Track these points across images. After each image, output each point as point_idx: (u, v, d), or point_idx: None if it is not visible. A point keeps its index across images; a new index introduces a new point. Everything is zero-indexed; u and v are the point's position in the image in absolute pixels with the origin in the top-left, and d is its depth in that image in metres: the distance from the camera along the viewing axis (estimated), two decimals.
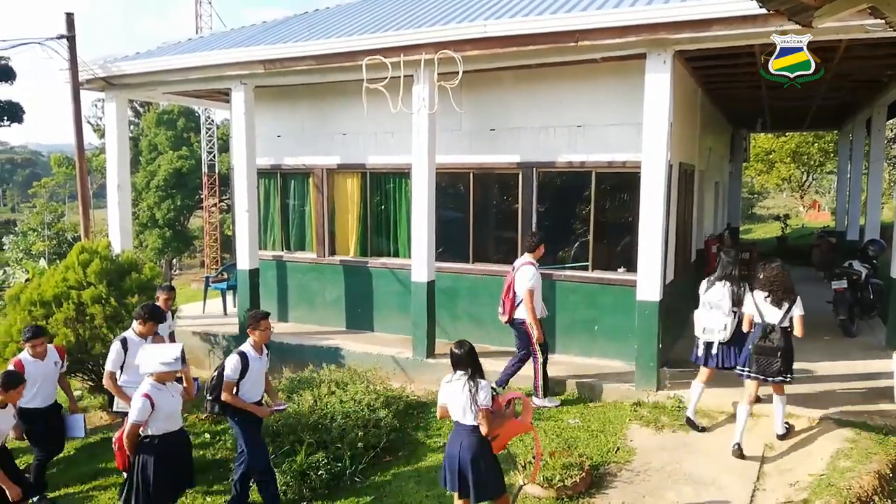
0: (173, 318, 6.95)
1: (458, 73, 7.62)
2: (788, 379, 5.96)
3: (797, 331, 5.89)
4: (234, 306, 10.87)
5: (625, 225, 8.39)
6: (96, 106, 36.16)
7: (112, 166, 10.57)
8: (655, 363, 7.29)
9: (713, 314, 6.43)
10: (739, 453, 5.90)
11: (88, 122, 36.74)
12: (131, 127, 34.08)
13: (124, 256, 9.14)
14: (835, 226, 18.65)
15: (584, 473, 5.55)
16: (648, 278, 7.26)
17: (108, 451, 6.51)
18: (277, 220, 10.68)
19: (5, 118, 28.22)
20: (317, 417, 6.45)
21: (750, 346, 6.00)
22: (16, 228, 35.43)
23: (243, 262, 9.66)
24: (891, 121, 15.00)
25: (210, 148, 29.46)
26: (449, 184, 9.34)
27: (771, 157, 28.95)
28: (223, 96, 11.37)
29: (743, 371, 6.07)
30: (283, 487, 5.80)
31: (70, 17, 10.53)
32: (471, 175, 9.06)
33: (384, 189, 9.81)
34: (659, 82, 7.01)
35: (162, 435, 4.86)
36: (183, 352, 5.03)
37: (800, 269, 13.50)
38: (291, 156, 10.36)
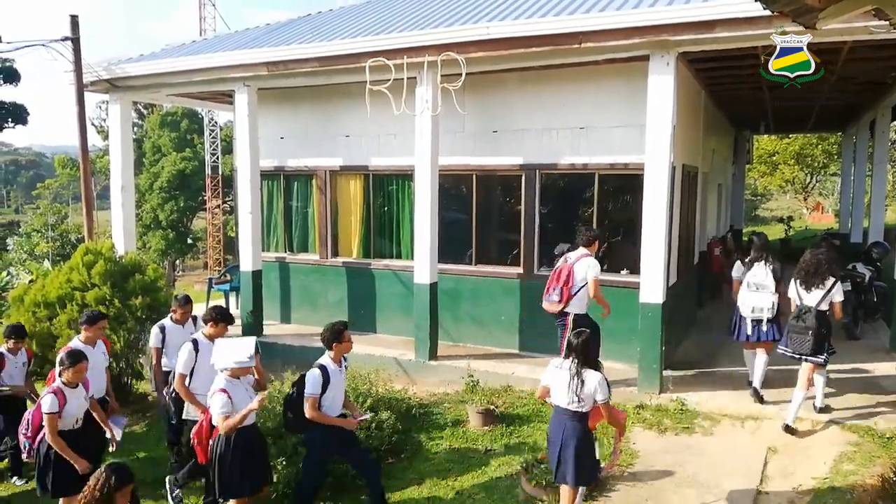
0: (195, 327, 6.72)
1: (461, 74, 7.62)
2: (820, 360, 6.29)
3: (836, 314, 6.35)
4: (237, 308, 10.88)
5: (628, 227, 8.38)
6: (100, 108, 36.23)
7: (116, 168, 10.60)
8: (658, 366, 7.28)
9: (761, 294, 6.84)
10: (789, 430, 6.27)
11: (92, 124, 36.80)
12: (135, 129, 34.17)
13: (128, 258, 9.16)
14: (838, 228, 18.60)
15: None
16: (651, 281, 7.25)
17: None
18: (280, 221, 10.70)
19: (10, 120, 28.33)
20: None
21: (787, 326, 6.53)
22: (20, 230, 35.58)
23: (246, 263, 9.67)
24: (895, 122, 14.97)
25: (213, 150, 29.53)
26: (452, 186, 9.34)
27: (774, 158, 28.90)
28: (227, 98, 11.39)
29: (784, 350, 6.51)
30: (287, 490, 5.80)
31: (74, 20, 10.57)
32: (473, 177, 9.06)
33: (387, 191, 9.82)
34: (662, 84, 7.00)
35: (240, 429, 4.90)
36: (257, 345, 5.13)
37: None
38: (294, 157, 10.37)
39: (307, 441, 5.39)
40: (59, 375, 5.11)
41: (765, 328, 6.87)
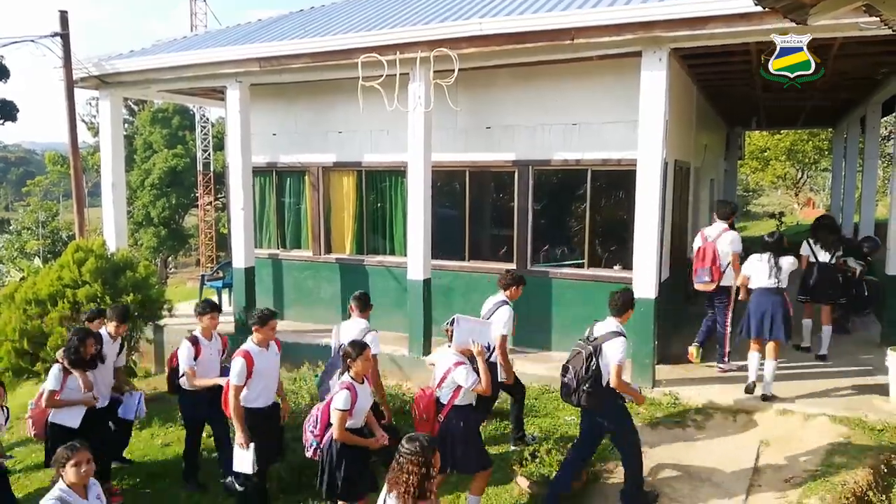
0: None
1: (453, 70, 7.61)
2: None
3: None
4: (230, 304, 10.86)
5: (620, 223, 8.40)
6: (90, 104, 35.99)
7: (107, 165, 10.53)
8: (651, 360, 7.31)
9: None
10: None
11: (83, 121, 36.52)
12: (126, 125, 33.93)
13: (119, 255, 9.12)
14: None
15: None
16: (644, 276, 7.27)
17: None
18: (273, 218, 10.67)
19: None
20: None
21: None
22: (10, 227, 35.31)
23: (239, 260, 9.64)
24: (885, 118, 15.06)
25: (205, 146, 29.39)
26: (444, 182, 9.33)
27: (766, 154, 29.03)
28: (218, 94, 11.33)
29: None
30: (281, 484, 5.79)
31: (64, 15, 10.50)
32: (466, 173, 9.06)
33: (380, 187, 9.80)
34: (654, 80, 7.02)
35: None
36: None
37: None
38: (287, 154, 10.34)
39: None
40: (349, 370, 4.78)
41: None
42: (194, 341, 5.96)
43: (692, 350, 7.79)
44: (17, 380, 8.14)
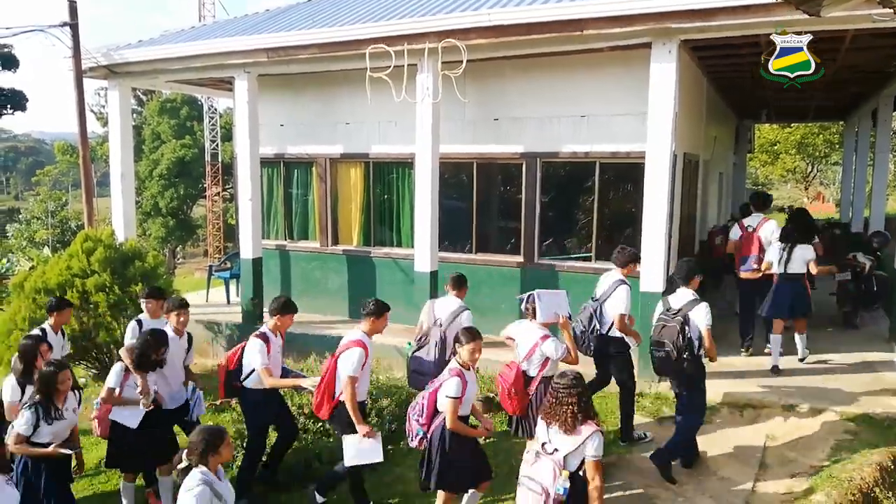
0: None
1: (462, 61, 7.58)
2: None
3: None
4: (238, 295, 10.89)
5: (628, 216, 8.37)
6: (99, 94, 35.99)
7: (115, 155, 10.57)
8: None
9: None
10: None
11: (91, 111, 36.58)
12: (134, 115, 34.01)
13: (128, 245, 9.16)
14: (839, 217, 18.58)
15: None
16: (652, 270, 7.25)
17: None
18: (280, 209, 10.68)
19: (8, 106, 28.19)
20: None
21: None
22: (20, 216, 35.53)
23: (246, 251, 9.67)
24: None
25: (213, 137, 29.41)
26: (452, 174, 9.31)
27: (776, 148, 28.86)
28: (226, 85, 11.33)
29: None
30: (288, 475, 5.83)
31: (73, 5, 10.53)
32: (474, 165, 9.04)
33: (387, 179, 9.80)
34: (664, 72, 6.97)
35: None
36: None
37: None
38: (294, 145, 10.34)
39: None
40: (455, 354, 4.78)
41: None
42: (265, 338, 5.52)
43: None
44: None
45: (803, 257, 7.29)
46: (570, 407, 3.99)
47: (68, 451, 4.78)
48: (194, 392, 5.88)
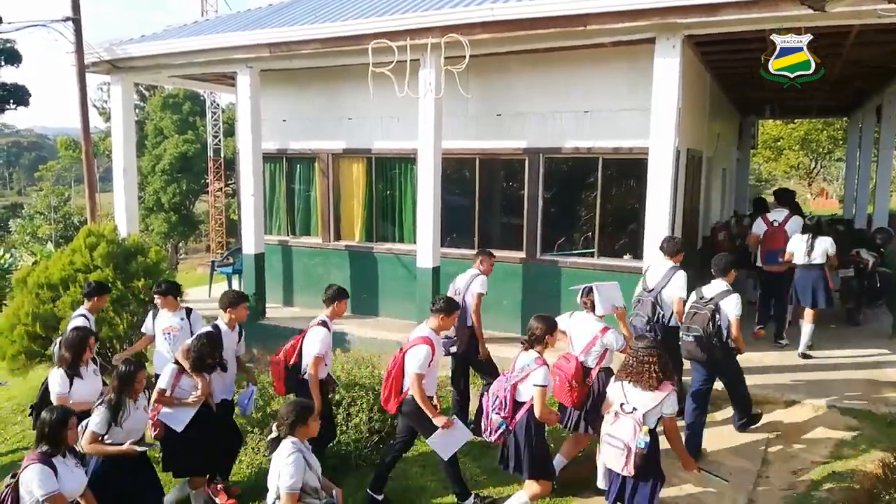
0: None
1: (465, 57, 7.56)
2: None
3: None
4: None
5: (631, 212, 8.35)
6: (102, 89, 36.05)
7: (118, 150, 10.57)
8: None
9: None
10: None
11: (94, 106, 36.59)
12: (137, 111, 33.98)
13: (130, 240, 9.16)
14: (842, 214, 18.54)
15: (589, 459, 5.58)
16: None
17: None
18: (283, 204, 10.68)
19: (11, 101, 28.24)
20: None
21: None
22: (22, 212, 35.60)
23: (249, 246, 9.67)
24: None
25: (215, 132, 29.41)
26: (454, 169, 9.30)
27: (779, 144, 28.77)
28: (229, 80, 11.32)
29: None
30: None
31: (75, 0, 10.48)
32: (477, 161, 9.02)
33: (390, 174, 9.78)
34: (668, 67, 6.95)
35: None
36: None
37: None
38: (297, 140, 10.33)
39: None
40: (537, 343, 4.85)
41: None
42: (327, 326, 5.66)
43: (759, 331, 8.48)
44: (29, 363, 8.22)
45: (824, 248, 7.64)
46: (652, 366, 4.33)
47: (143, 448, 4.73)
48: (248, 388, 5.94)
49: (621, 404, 4.43)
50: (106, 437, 4.58)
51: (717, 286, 5.85)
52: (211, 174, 29.79)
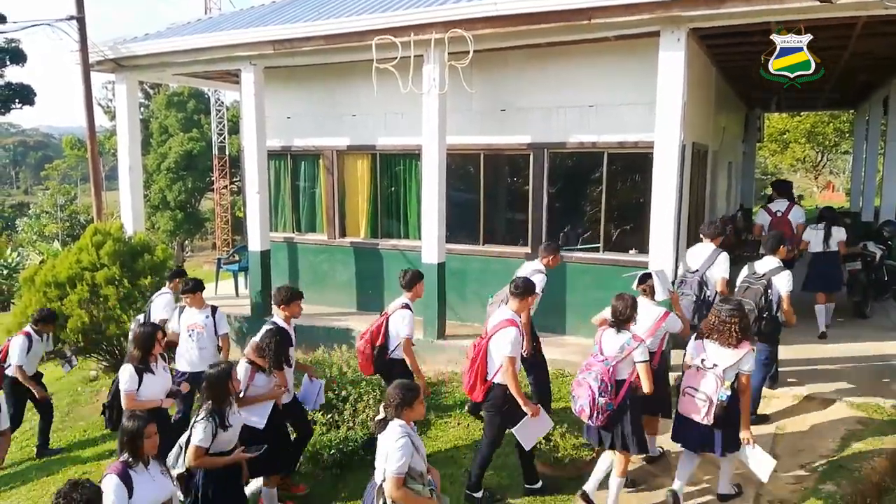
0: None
1: (468, 52, 7.54)
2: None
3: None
4: (246, 287, 10.94)
5: (636, 206, 8.33)
6: (106, 88, 36.20)
7: (123, 148, 10.60)
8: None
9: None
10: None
11: (99, 105, 36.77)
12: (141, 109, 34.06)
13: (137, 238, 9.21)
14: (849, 207, 18.44)
15: (594, 454, 5.58)
16: (660, 260, 7.21)
17: None
18: (288, 201, 10.69)
19: (17, 101, 28.33)
20: (329, 398, 6.50)
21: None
22: (29, 211, 35.77)
23: (254, 243, 9.69)
24: None
25: (220, 130, 29.47)
26: (459, 165, 9.29)
27: (785, 137, 28.63)
28: (233, 77, 11.34)
29: None
30: (298, 466, 5.86)
31: None
32: (481, 156, 9.01)
33: (394, 170, 9.78)
34: (673, 61, 6.91)
35: None
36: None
37: None
38: (301, 137, 10.34)
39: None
40: (625, 323, 4.91)
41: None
42: (409, 308, 6.15)
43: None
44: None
45: (836, 237, 8.14)
46: (734, 325, 4.66)
47: (254, 454, 4.68)
48: (314, 382, 6.03)
49: (702, 360, 4.74)
50: (211, 449, 4.45)
51: (768, 262, 6.12)
52: (216, 172, 29.86)
